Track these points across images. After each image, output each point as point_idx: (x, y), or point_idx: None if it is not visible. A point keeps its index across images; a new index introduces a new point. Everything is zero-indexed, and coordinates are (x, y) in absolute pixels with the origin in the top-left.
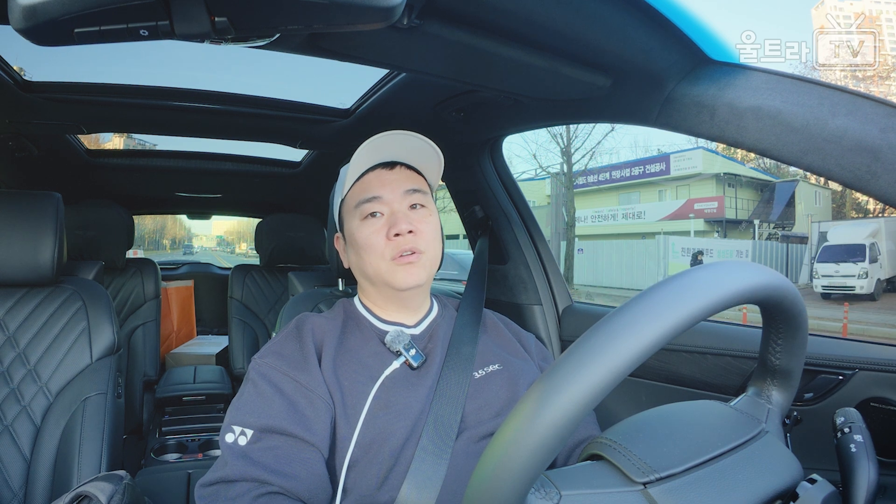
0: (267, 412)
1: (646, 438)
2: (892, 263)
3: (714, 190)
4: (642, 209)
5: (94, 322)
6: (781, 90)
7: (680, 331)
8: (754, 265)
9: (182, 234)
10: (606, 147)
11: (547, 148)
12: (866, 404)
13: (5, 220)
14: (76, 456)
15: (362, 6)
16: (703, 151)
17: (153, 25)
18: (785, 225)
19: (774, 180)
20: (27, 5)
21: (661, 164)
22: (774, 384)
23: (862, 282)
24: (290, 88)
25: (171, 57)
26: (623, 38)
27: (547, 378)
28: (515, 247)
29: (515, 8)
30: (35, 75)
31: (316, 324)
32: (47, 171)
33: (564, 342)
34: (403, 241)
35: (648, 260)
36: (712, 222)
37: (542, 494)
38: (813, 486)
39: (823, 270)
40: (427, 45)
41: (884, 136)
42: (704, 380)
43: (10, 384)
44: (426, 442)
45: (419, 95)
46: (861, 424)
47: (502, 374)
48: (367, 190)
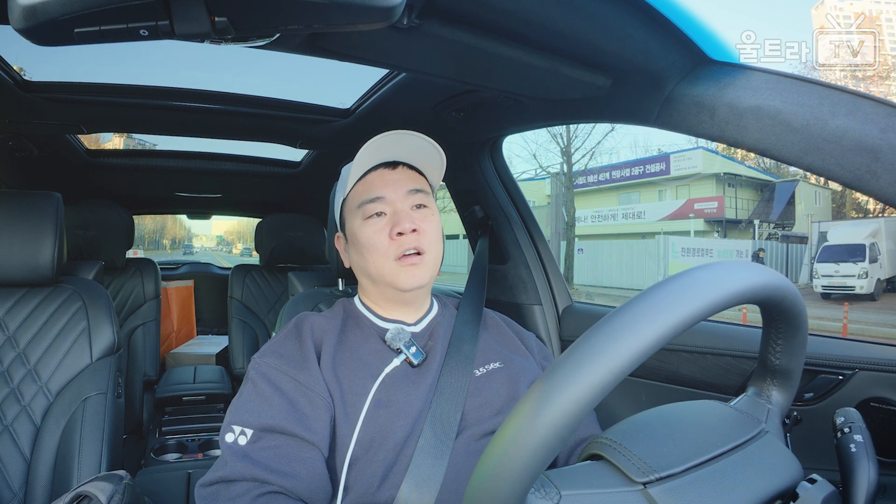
0: (267, 412)
1: (646, 438)
2: (892, 263)
3: (714, 190)
4: (642, 209)
5: (94, 322)
6: (781, 90)
7: (680, 331)
8: (754, 265)
9: (182, 233)
10: (606, 147)
11: (547, 148)
12: (866, 404)
13: (5, 219)
14: (76, 456)
15: (362, 6)
16: (702, 151)
17: (153, 25)
18: (785, 225)
19: (774, 180)
20: (27, 5)
21: (661, 163)
22: (774, 384)
23: (862, 282)
24: (291, 88)
25: (171, 57)
26: (623, 38)
27: (547, 378)
28: (515, 247)
29: (515, 8)
30: (35, 75)
31: (315, 323)
32: (47, 170)
33: (564, 342)
34: (406, 240)
35: (648, 260)
36: (712, 222)
37: (542, 494)
38: (813, 486)
39: (823, 270)
40: (427, 45)
41: (884, 136)
42: (704, 380)
43: (10, 384)
44: (425, 440)
45: (419, 95)
46: (861, 424)
47: (503, 371)
48: (370, 189)
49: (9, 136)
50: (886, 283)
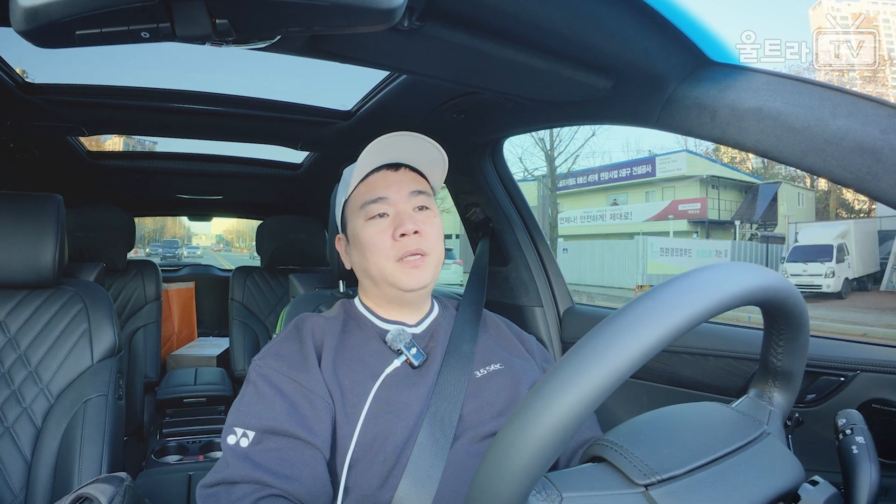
0: (268, 413)
1: (647, 440)
2: (861, 263)
3: (698, 191)
4: (629, 210)
5: (95, 324)
6: (782, 91)
7: (682, 332)
8: (756, 267)
9: (182, 233)
10: (596, 149)
11: (531, 152)
12: (868, 406)
13: (6, 221)
14: (77, 457)
15: (363, 8)
16: (686, 154)
17: (154, 27)
18: (767, 226)
19: (758, 181)
20: (29, 7)
21: (647, 166)
22: (776, 386)
23: (829, 280)
24: (291, 90)
25: (172, 59)
26: (624, 40)
27: (548, 380)
28: (516, 249)
29: (516, 10)
30: (37, 77)
31: (316, 324)
32: (48, 172)
33: (566, 344)
34: (409, 241)
35: (628, 260)
36: (695, 223)
37: (544, 496)
38: (815, 488)
39: (792, 270)
40: (428, 47)
41: (885, 137)
42: (706, 381)
43: (11, 386)
44: (424, 438)
45: (420, 97)
46: (863, 426)
47: (504, 373)
48: (372, 190)
49: (10, 138)
50: (855, 282)
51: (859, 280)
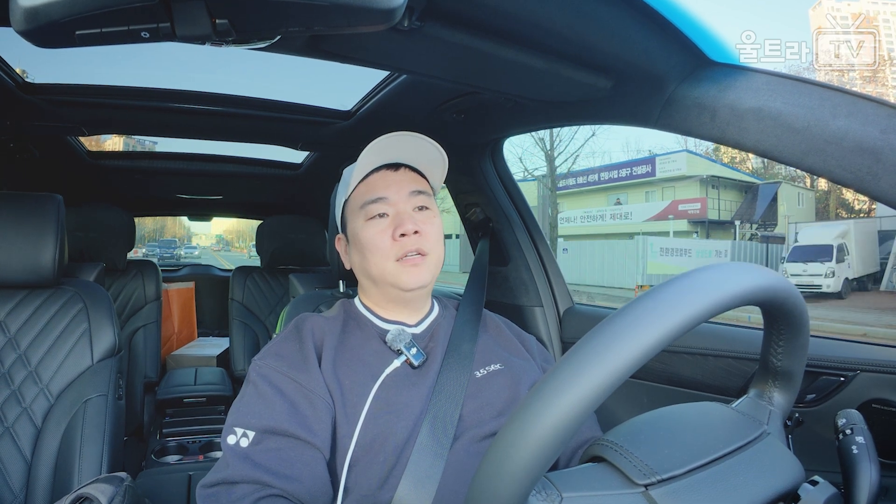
0: (268, 413)
1: (647, 440)
2: (861, 263)
3: (698, 191)
4: (629, 210)
5: (95, 324)
6: (782, 91)
7: (682, 332)
8: (756, 267)
9: (182, 233)
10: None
11: (531, 152)
12: (868, 406)
13: (6, 221)
14: (77, 457)
15: (363, 8)
16: (686, 154)
17: (154, 27)
18: (767, 226)
19: (758, 181)
20: (29, 7)
21: (647, 166)
22: (776, 386)
23: (829, 280)
24: (292, 90)
25: (172, 59)
26: (624, 40)
27: (548, 380)
28: (516, 249)
29: (516, 10)
30: (37, 77)
31: (315, 324)
32: (48, 172)
33: (566, 344)
34: (409, 241)
35: (628, 260)
36: (695, 223)
37: (544, 496)
38: (815, 488)
39: (792, 270)
40: (428, 47)
41: (885, 137)
42: (706, 381)
43: (11, 386)
44: (424, 438)
45: (420, 97)
46: (863, 426)
47: (504, 373)
48: (372, 190)
49: (10, 138)
50: (855, 282)
51: (859, 280)
